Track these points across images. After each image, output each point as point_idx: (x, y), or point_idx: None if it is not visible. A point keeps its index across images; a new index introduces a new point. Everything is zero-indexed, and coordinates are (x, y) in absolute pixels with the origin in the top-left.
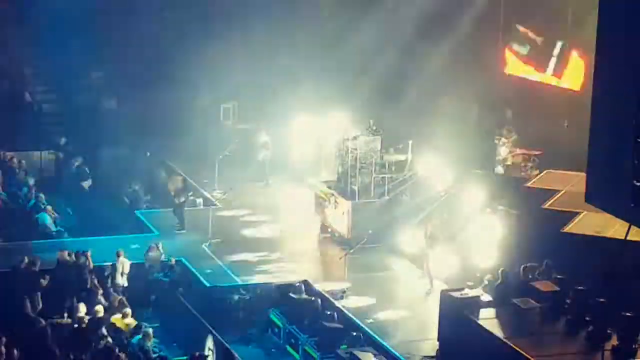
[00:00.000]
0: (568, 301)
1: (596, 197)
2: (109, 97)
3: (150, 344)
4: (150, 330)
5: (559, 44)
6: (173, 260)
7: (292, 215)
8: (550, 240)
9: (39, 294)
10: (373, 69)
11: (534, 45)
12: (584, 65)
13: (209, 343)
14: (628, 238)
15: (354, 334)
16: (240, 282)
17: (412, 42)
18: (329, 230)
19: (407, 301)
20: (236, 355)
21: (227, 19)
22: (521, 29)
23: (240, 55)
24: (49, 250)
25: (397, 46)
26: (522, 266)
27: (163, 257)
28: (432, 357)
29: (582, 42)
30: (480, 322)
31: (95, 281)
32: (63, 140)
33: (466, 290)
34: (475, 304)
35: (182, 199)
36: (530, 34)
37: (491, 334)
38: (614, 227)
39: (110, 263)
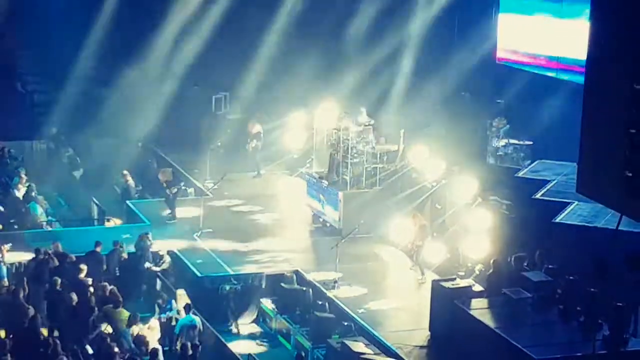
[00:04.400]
0: (559, 291)
1: (587, 187)
2: (99, 86)
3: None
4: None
5: None
6: (165, 251)
7: (283, 205)
8: (541, 231)
9: (24, 278)
10: (365, 59)
11: None
12: None
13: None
14: (619, 228)
15: (346, 324)
16: (231, 272)
17: (403, 31)
18: (321, 220)
19: (398, 291)
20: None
21: (219, 9)
22: None
23: (232, 46)
24: (40, 240)
25: (389, 36)
26: (514, 256)
27: (153, 247)
28: (424, 347)
29: None
30: (472, 312)
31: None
32: (54, 130)
33: (458, 280)
34: (466, 294)
35: (174, 189)
36: None
37: (482, 323)
38: (605, 217)
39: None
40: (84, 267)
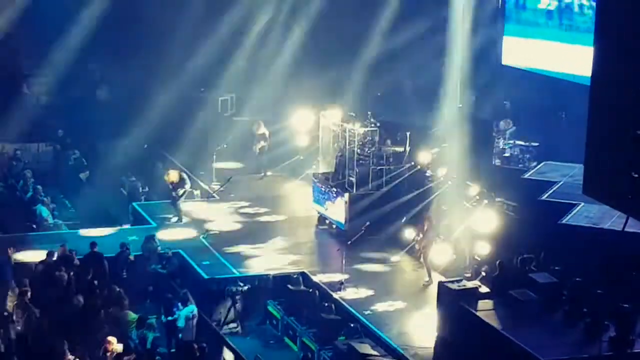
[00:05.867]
0: (565, 293)
1: (594, 188)
2: (104, 88)
3: (151, 336)
4: (154, 322)
5: None
6: (170, 252)
7: (289, 206)
8: (547, 232)
9: (27, 280)
10: (371, 61)
11: None
12: None
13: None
14: (625, 229)
15: (352, 325)
16: (237, 274)
17: (410, 33)
18: (327, 221)
19: (404, 293)
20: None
21: (225, 10)
22: None
23: (239, 47)
24: (46, 243)
25: (395, 37)
26: (520, 258)
27: (159, 249)
28: (430, 348)
29: None
30: (478, 313)
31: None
32: (60, 132)
33: (464, 282)
34: (472, 296)
35: (180, 191)
36: None
37: (488, 325)
38: (612, 219)
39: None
40: (89, 269)
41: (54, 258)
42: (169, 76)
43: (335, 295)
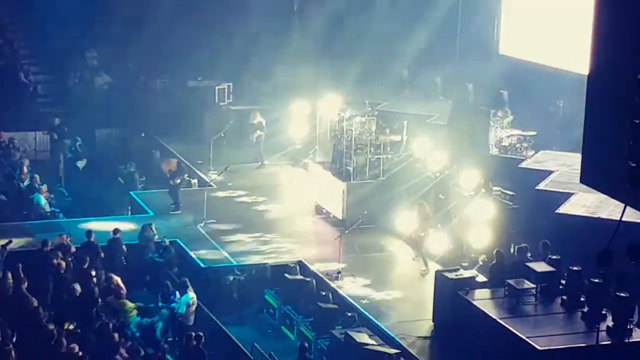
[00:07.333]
0: (562, 282)
1: (591, 177)
2: (102, 76)
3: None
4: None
5: None
6: (167, 241)
7: (287, 195)
8: (544, 221)
9: (20, 265)
10: (368, 50)
11: None
12: None
13: None
14: (622, 219)
15: (349, 314)
16: (235, 263)
17: (406, 22)
18: (324, 210)
19: (402, 282)
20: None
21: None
22: None
23: (236, 36)
24: (43, 231)
25: (391, 26)
26: (517, 247)
27: (157, 238)
28: (427, 337)
29: None
30: (475, 302)
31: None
32: (57, 121)
33: (461, 271)
34: (470, 285)
35: (177, 180)
36: None
37: (486, 314)
38: (609, 208)
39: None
40: (87, 258)
41: (49, 247)
42: (167, 65)
43: (333, 285)
